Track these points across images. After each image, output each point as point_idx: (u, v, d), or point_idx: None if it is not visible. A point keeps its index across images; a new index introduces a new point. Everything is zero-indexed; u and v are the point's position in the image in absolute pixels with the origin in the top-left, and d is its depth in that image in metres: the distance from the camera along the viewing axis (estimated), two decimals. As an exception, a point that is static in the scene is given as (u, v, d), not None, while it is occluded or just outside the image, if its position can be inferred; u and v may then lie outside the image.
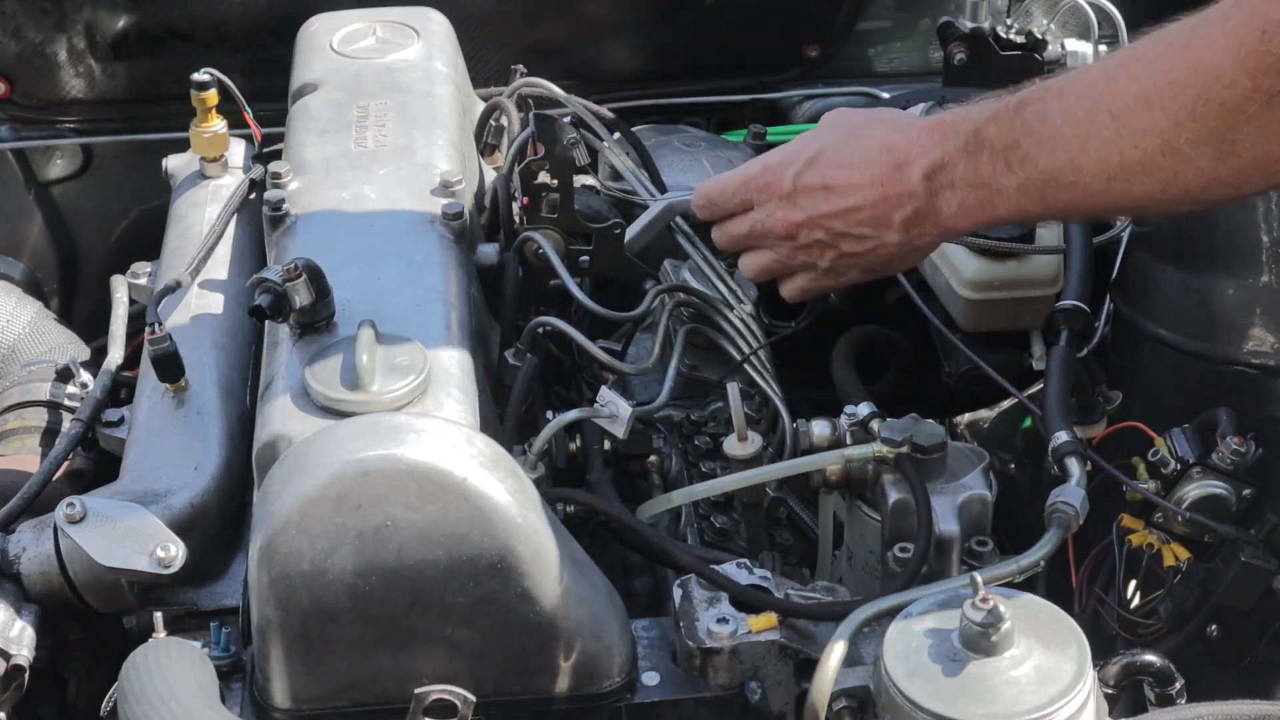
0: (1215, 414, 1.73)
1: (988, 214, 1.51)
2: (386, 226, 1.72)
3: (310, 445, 1.37)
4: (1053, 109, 1.44)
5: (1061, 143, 1.42)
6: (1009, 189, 1.47)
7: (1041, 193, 1.46)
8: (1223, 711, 1.35)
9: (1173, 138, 1.34)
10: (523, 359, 1.73)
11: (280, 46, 2.22)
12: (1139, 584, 1.76)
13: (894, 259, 1.61)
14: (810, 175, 1.60)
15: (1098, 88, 1.41)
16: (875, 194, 1.55)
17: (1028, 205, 1.48)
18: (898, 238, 1.56)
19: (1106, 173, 1.40)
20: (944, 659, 1.31)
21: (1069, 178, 1.43)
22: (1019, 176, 1.46)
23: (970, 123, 1.50)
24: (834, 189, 1.58)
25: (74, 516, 1.50)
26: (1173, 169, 1.36)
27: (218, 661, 1.42)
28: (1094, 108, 1.40)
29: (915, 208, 1.53)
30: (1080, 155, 1.41)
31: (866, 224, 1.57)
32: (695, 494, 1.65)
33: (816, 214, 1.59)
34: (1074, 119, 1.42)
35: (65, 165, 2.50)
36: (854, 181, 1.56)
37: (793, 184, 1.60)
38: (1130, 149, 1.37)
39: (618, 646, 1.44)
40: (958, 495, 1.55)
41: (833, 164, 1.59)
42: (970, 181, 1.49)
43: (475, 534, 1.34)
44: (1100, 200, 1.43)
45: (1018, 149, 1.45)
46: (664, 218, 1.83)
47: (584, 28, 2.47)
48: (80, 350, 2.09)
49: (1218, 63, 1.30)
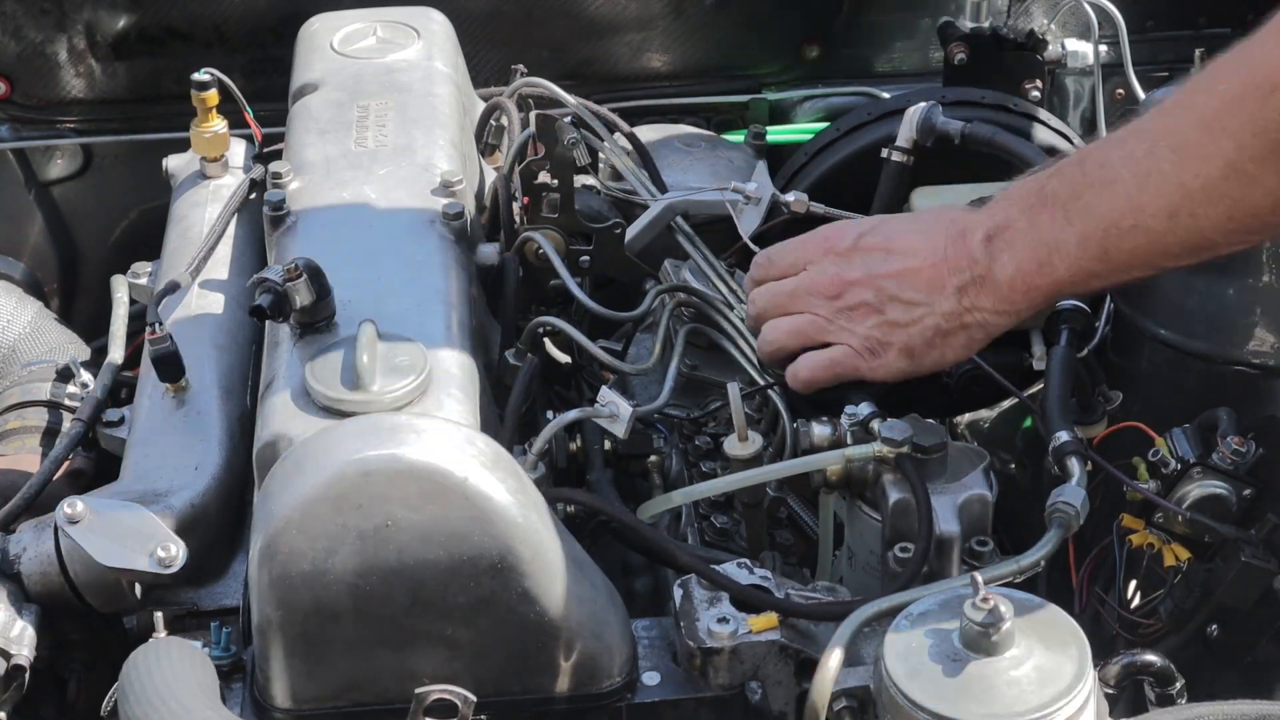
0: (1215, 414, 1.73)
1: (1046, 275, 1.45)
2: (387, 226, 1.73)
3: (311, 445, 1.37)
4: (1114, 156, 1.40)
5: (1121, 185, 1.38)
6: (1069, 244, 1.43)
7: (1102, 243, 1.41)
8: (1223, 711, 1.35)
9: (1235, 159, 1.31)
10: (523, 359, 1.74)
11: (280, 46, 2.22)
12: (1139, 584, 1.76)
13: (938, 337, 1.55)
14: (873, 236, 1.58)
15: (1156, 127, 1.39)
16: (936, 257, 1.52)
17: (1088, 261, 1.43)
18: (949, 306, 1.52)
19: (1169, 209, 1.36)
20: (944, 659, 1.31)
21: (1129, 221, 1.38)
22: (1078, 229, 1.41)
23: (1036, 183, 1.48)
24: (894, 251, 1.55)
25: (74, 516, 1.50)
26: (1239, 193, 1.32)
27: (218, 661, 1.42)
28: (1153, 146, 1.37)
29: (973, 274, 1.50)
30: (1140, 195, 1.37)
31: (921, 287, 1.53)
32: (695, 494, 1.65)
33: (872, 273, 1.56)
34: (1133, 159, 1.38)
35: (65, 165, 2.50)
36: (916, 246, 1.54)
37: (854, 241, 1.58)
38: (1191, 179, 1.33)
39: (618, 646, 1.44)
40: (958, 495, 1.55)
41: (897, 230, 1.58)
42: (1029, 241, 1.45)
43: (476, 534, 1.34)
44: (1165, 242, 1.38)
45: (1078, 200, 1.42)
46: (664, 218, 1.83)
47: (584, 28, 2.47)
48: (80, 350, 2.09)
49: (1274, 70, 1.28)
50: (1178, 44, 2.53)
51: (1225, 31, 2.54)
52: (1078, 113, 2.50)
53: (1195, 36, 2.51)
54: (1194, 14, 2.55)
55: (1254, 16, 2.63)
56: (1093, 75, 2.41)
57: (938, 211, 1.57)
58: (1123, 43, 2.34)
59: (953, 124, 1.88)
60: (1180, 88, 1.39)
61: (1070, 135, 2.13)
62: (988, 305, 1.51)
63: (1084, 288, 1.51)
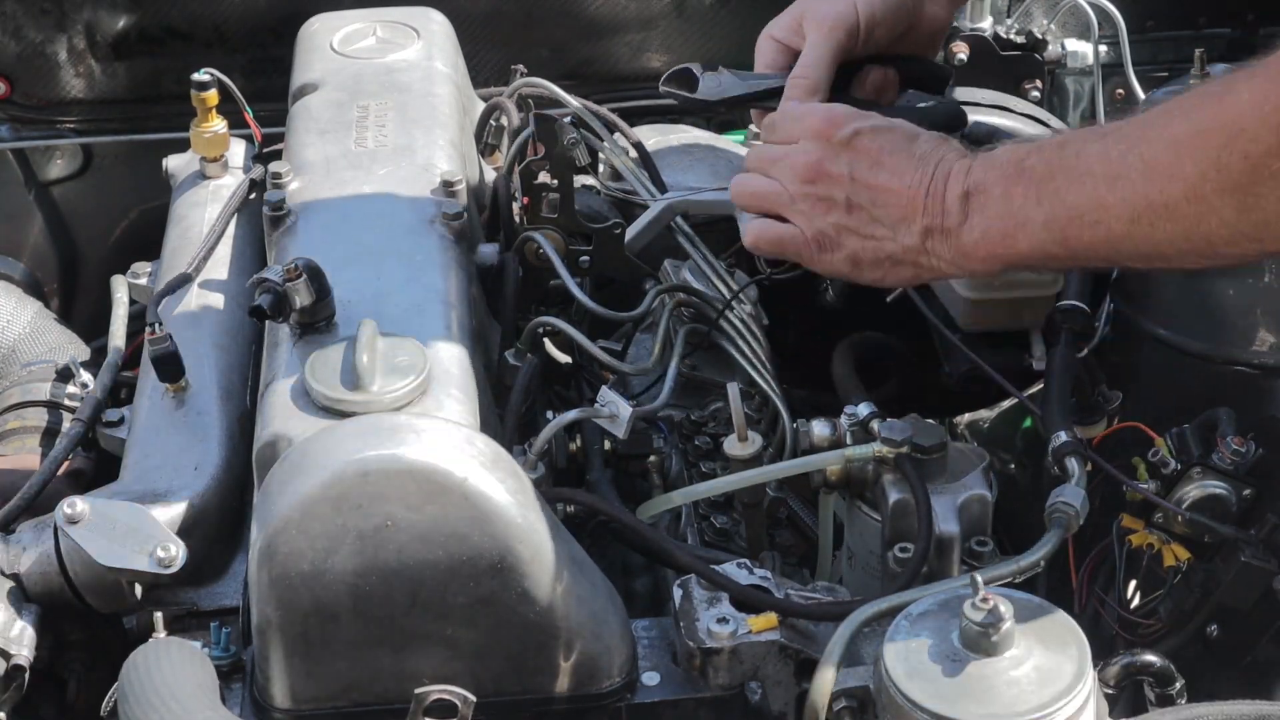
0: (1215, 414, 1.73)
1: (1008, 247, 1.49)
2: (386, 226, 1.72)
3: (310, 445, 1.37)
4: (1091, 149, 1.44)
5: (1092, 180, 1.42)
6: (1035, 222, 1.46)
7: (1065, 229, 1.45)
8: (1223, 711, 1.35)
9: (1198, 185, 1.34)
10: (523, 359, 1.74)
11: (280, 46, 2.22)
12: (1139, 584, 1.76)
13: (888, 261, 1.58)
14: (870, 140, 1.58)
15: (1135, 132, 1.42)
16: (917, 189, 1.53)
17: (1049, 244, 1.46)
18: (910, 241, 1.55)
19: (1131, 214, 1.39)
20: (944, 659, 1.31)
21: (1094, 216, 1.42)
22: (1046, 210, 1.45)
23: (1018, 153, 1.50)
24: (882, 165, 1.56)
25: (74, 516, 1.50)
26: (1197, 216, 1.35)
27: (218, 661, 1.42)
28: (1128, 150, 1.40)
29: (942, 223, 1.52)
30: (1108, 195, 1.41)
31: (892, 212, 1.55)
32: (696, 494, 1.65)
33: (853, 175, 1.57)
34: (1107, 159, 1.41)
35: (65, 165, 2.50)
36: (904, 168, 1.55)
37: (849, 136, 1.59)
38: (1156, 192, 1.37)
39: (618, 646, 1.44)
40: (958, 495, 1.55)
41: (894, 144, 1.57)
42: (999, 210, 1.48)
43: (475, 534, 1.34)
44: (1122, 245, 1.43)
45: (1051, 182, 1.45)
46: (664, 218, 1.83)
47: (584, 28, 2.47)
48: (80, 350, 2.09)
49: (1243, 116, 1.31)
50: (1178, 44, 2.53)
51: (1225, 32, 2.54)
52: (1078, 113, 2.50)
53: (1195, 36, 2.51)
54: (1194, 14, 2.55)
55: (1254, 16, 2.64)
56: (1093, 75, 2.41)
57: (937, 140, 1.57)
58: (1123, 43, 2.34)
59: (952, 124, 1.87)
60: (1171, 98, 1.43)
61: (1070, 135, 2.12)
62: (945, 255, 1.53)
63: (1041, 266, 1.56)
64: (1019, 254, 1.49)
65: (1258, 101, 1.30)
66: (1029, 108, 2.16)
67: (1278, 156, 1.29)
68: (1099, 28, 2.38)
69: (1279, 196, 1.30)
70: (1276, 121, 1.28)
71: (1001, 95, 2.15)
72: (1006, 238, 1.48)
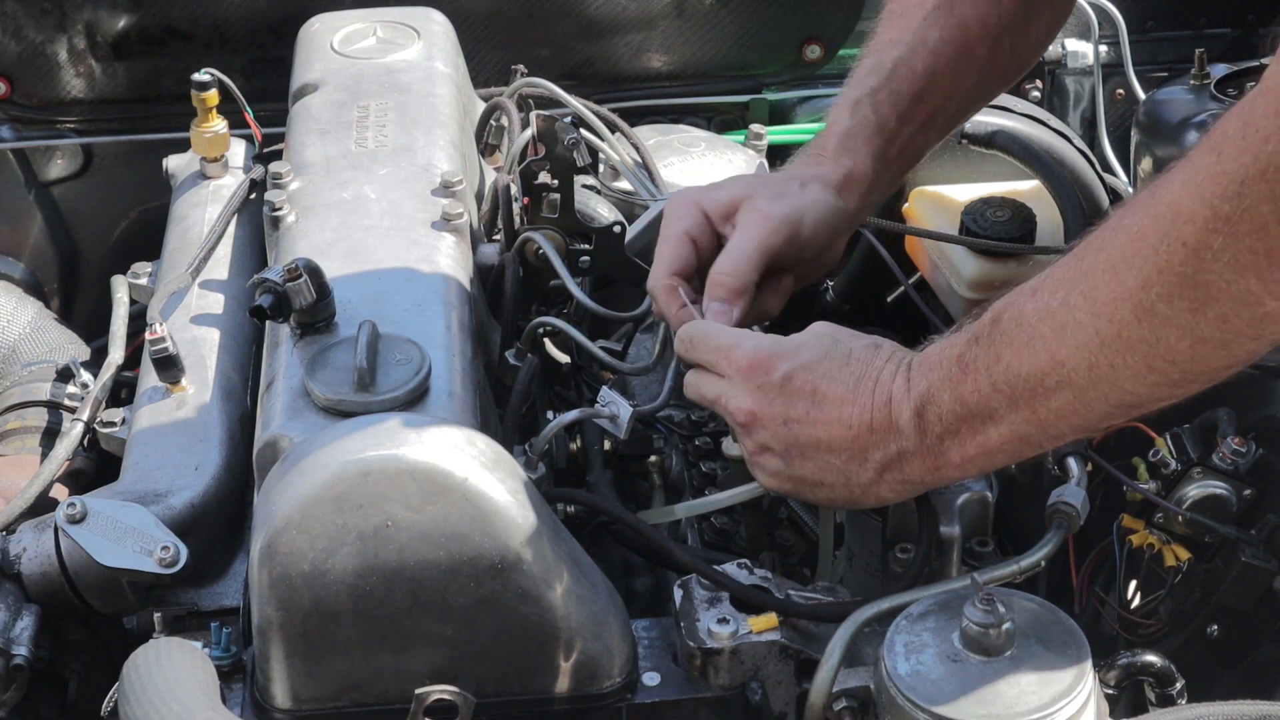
0: (1215, 414, 1.73)
1: (981, 446, 1.36)
2: (387, 227, 1.72)
3: (311, 445, 1.37)
4: (1027, 310, 1.31)
5: (1041, 341, 1.29)
6: (999, 411, 1.33)
7: (1032, 405, 1.31)
8: (1223, 711, 1.34)
9: (1143, 297, 1.22)
10: (523, 359, 1.73)
11: (280, 46, 2.22)
12: (1139, 584, 1.76)
13: (841, 500, 1.46)
14: (805, 377, 1.43)
15: (1069, 273, 1.29)
16: (860, 424, 1.40)
17: (1022, 426, 1.33)
18: (866, 478, 1.42)
19: (1088, 362, 1.26)
20: (945, 659, 1.31)
21: (1054, 377, 1.29)
22: (1006, 394, 1.32)
23: (953, 349, 1.37)
24: (820, 402, 1.42)
25: (74, 516, 1.50)
26: (1152, 335, 1.23)
27: (218, 661, 1.42)
28: (1067, 295, 1.28)
29: (899, 448, 1.39)
30: (1060, 348, 1.28)
31: (839, 456, 1.42)
32: (698, 508, 1.63)
33: (789, 418, 1.43)
34: (1049, 312, 1.29)
35: (65, 165, 2.50)
36: (842, 398, 1.41)
37: (781, 380, 1.44)
38: (1105, 325, 1.25)
39: (618, 647, 1.44)
40: (958, 495, 1.55)
41: (828, 373, 1.43)
42: (958, 413, 1.35)
43: (476, 534, 1.34)
44: (1089, 398, 1.29)
45: (999, 363, 1.32)
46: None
47: (584, 28, 2.47)
48: (80, 350, 2.09)
49: (1176, 199, 1.20)
50: (1178, 44, 2.53)
51: (1225, 31, 2.54)
52: (1078, 113, 2.50)
53: (1195, 36, 2.52)
54: (1194, 14, 2.55)
55: (1254, 17, 2.63)
56: (1093, 75, 2.41)
57: (870, 351, 1.44)
58: (1123, 43, 2.34)
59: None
60: (1096, 229, 1.30)
61: (1070, 135, 2.13)
62: (915, 478, 1.41)
63: (1018, 456, 1.39)
64: (995, 449, 1.36)
65: (1189, 178, 1.19)
66: (1029, 108, 2.16)
67: (1216, 232, 1.17)
68: (1099, 28, 2.38)
69: (1227, 280, 1.18)
70: (1210, 191, 1.17)
71: (1001, 95, 2.15)
72: (977, 436, 1.36)
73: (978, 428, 1.35)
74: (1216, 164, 1.17)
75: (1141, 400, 1.29)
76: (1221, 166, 1.16)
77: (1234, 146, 1.16)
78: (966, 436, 1.36)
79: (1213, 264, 1.18)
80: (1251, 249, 1.16)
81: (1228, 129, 1.17)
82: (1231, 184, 1.16)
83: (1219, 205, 1.16)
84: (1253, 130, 1.15)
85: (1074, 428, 1.34)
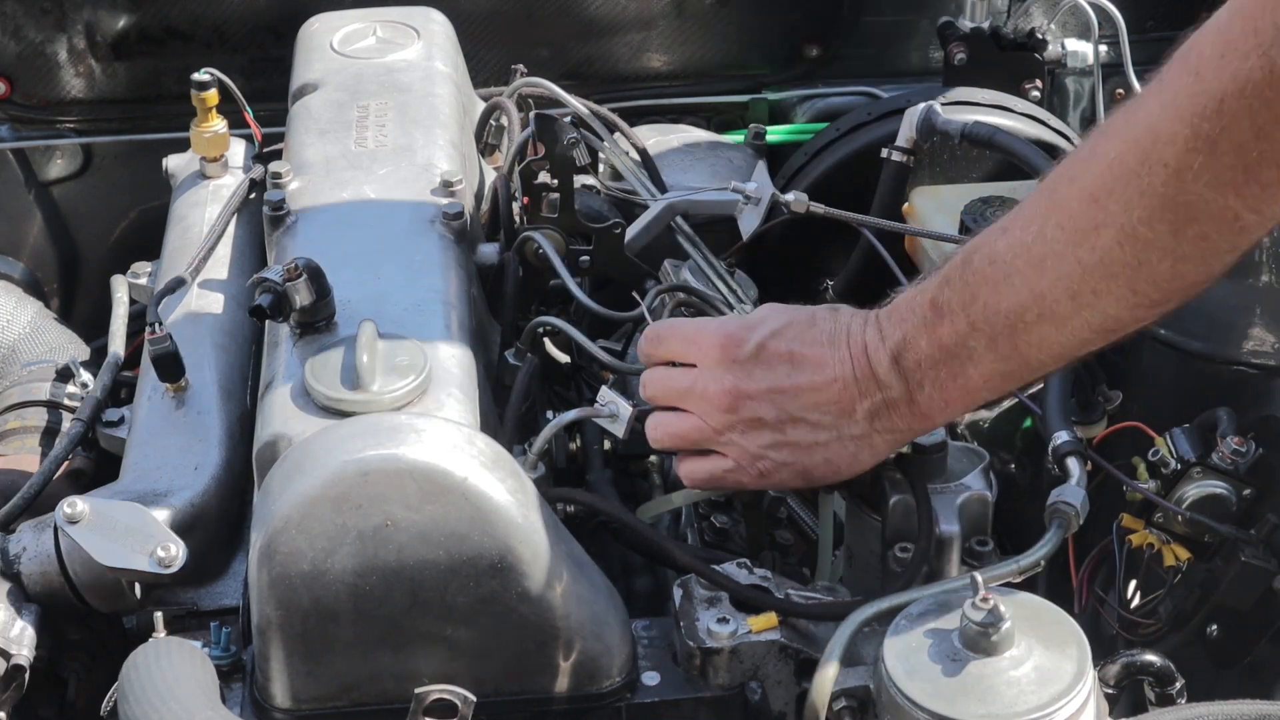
0: (1215, 414, 1.73)
1: (962, 387, 1.37)
2: (387, 226, 1.73)
3: (310, 445, 1.37)
4: (999, 248, 1.32)
5: (1018, 276, 1.30)
6: (979, 350, 1.34)
7: (1012, 341, 1.32)
8: (1223, 711, 1.34)
9: (1125, 222, 1.23)
10: (523, 359, 1.73)
11: (280, 46, 2.22)
12: (1139, 584, 1.76)
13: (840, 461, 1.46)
14: (776, 343, 1.44)
15: (1040, 207, 1.30)
16: (844, 374, 1.41)
17: (1002, 363, 1.35)
18: (858, 430, 1.43)
19: (1069, 290, 1.27)
20: (944, 659, 1.31)
21: (1035, 310, 1.30)
22: (985, 332, 1.33)
23: (924, 295, 1.38)
24: (800, 364, 1.43)
25: (74, 516, 1.50)
26: (1135, 260, 1.24)
27: (218, 661, 1.42)
28: (1041, 228, 1.29)
29: (885, 398, 1.41)
30: (1039, 281, 1.29)
31: (829, 409, 1.43)
32: (695, 495, 1.65)
33: (774, 386, 1.44)
34: (1024, 246, 1.30)
35: (65, 165, 2.50)
36: (823, 358, 1.42)
37: (754, 350, 1.44)
38: (1086, 253, 1.25)
39: (618, 646, 1.44)
40: (958, 495, 1.55)
41: (800, 337, 1.44)
42: (936, 357, 1.37)
43: (475, 534, 1.34)
44: (1073, 327, 1.30)
45: (976, 303, 1.33)
46: (664, 218, 1.83)
47: (584, 28, 2.47)
48: (80, 350, 2.09)
49: (1155, 121, 1.21)
50: (1178, 44, 2.52)
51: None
52: (1078, 113, 2.50)
53: (1195, 37, 2.51)
54: (1194, 14, 2.54)
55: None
56: (1093, 75, 2.41)
57: (831, 314, 1.45)
58: (1123, 43, 2.34)
59: (953, 124, 1.88)
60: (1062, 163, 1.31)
61: (1070, 135, 2.13)
62: (903, 425, 1.43)
63: (999, 391, 1.42)
64: (976, 388, 1.38)
65: (1168, 99, 1.20)
66: (1029, 108, 2.17)
67: (1196, 151, 1.18)
68: (1099, 28, 2.38)
69: (1209, 198, 1.19)
70: (1189, 110, 1.18)
71: (1001, 95, 2.15)
72: (957, 377, 1.37)
73: (957, 370, 1.37)
74: (1195, 84, 1.19)
75: (1124, 323, 1.31)
76: (1201, 86, 1.18)
77: (1212, 66, 1.18)
78: (947, 379, 1.38)
79: (1194, 184, 1.19)
80: (1231, 166, 1.18)
81: (1204, 50, 1.20)
82: (1211, 103, 1.17)
83: (1199, 125, 1.18)
84: (1231, 50, 1.17)
85: (1054, 357, 1.36)
